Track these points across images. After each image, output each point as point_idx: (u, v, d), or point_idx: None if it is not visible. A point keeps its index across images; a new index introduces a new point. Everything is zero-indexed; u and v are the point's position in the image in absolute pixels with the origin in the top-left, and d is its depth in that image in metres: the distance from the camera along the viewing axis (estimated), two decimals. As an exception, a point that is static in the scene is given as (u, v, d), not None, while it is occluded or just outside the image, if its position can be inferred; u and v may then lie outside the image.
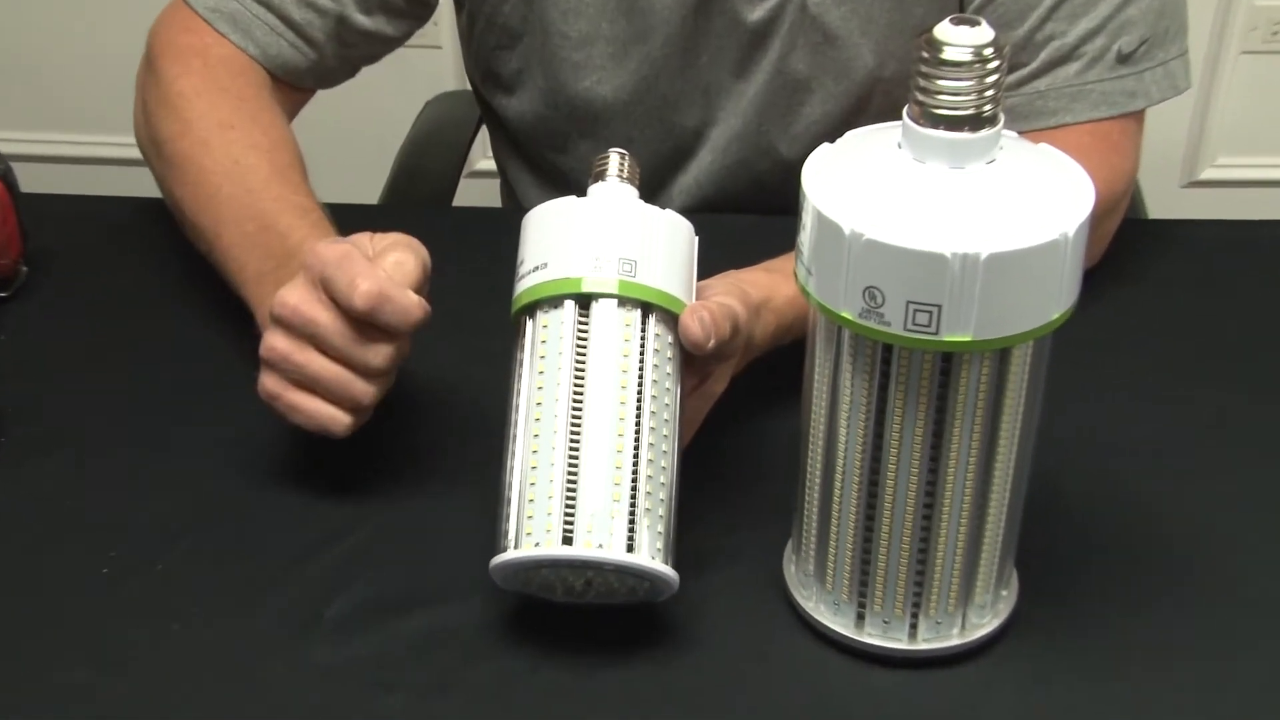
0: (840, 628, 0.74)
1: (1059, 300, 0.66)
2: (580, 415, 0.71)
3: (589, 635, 0.75)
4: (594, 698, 0.73)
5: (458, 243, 0.83)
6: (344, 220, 0.89)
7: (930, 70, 0.64)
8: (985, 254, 0.63)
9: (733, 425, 0.85)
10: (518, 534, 0.70)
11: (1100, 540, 0.81)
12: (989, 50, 0.64)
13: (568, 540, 0.69)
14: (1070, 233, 0.64)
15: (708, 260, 0.79)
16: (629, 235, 0.74)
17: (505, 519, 0.72)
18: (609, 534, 0.70)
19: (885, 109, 1.03)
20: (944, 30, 0.64)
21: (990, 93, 0.64)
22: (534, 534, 0.70)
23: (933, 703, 0.73)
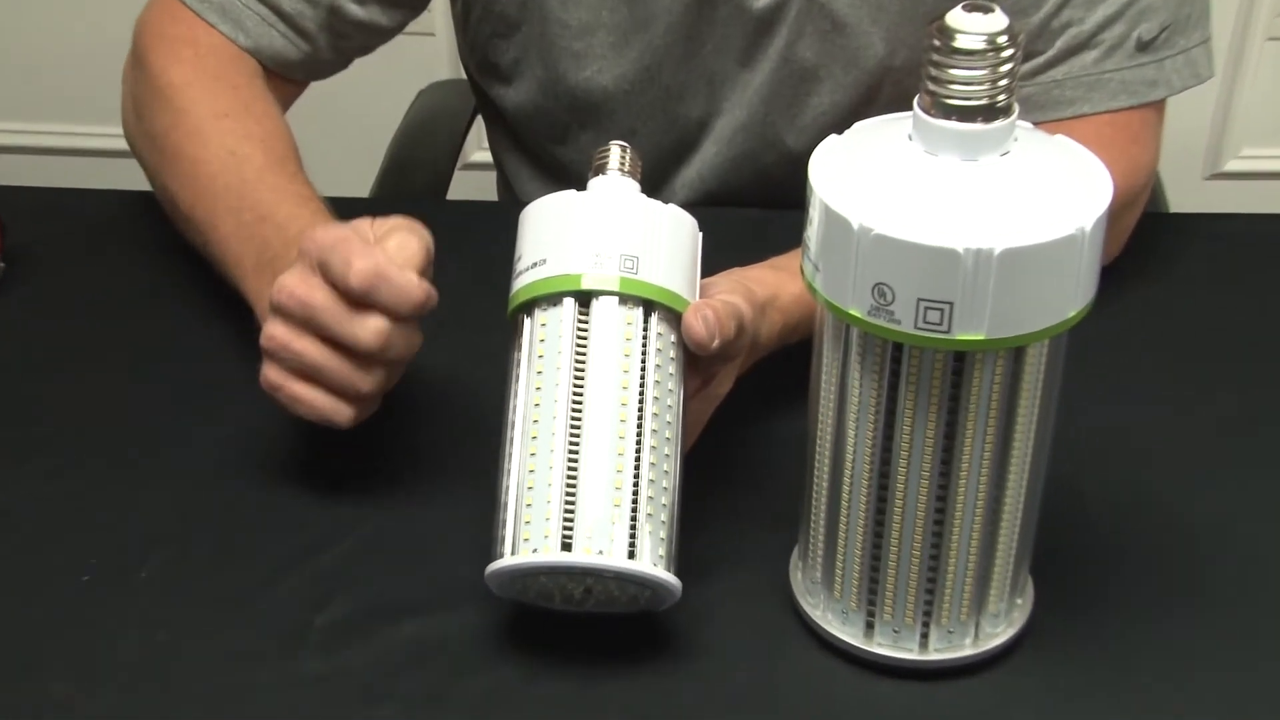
0: (849, 637, 0.75)
1: (1075, 297, 0.66)
2: (580, 417, 0.71)
3: (588, 645, 0.75)
4: (593, 710, 0.73)
5: (452, 238, 0.83)
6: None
7: (942, 59, 0.64)
8: (999, 249, 0.63)
9: (737, 428, 0.86)
10: (515, 540, 0.71)
11: (1119, 547, 0.82)
12: (1003, 38, 0.64)
13: (567, 546, 0.70)
14: (1087, 227, 0.64)
15: (711, 257, 0.79)
16: (630, 230, 0.74)
17: (502, 524, 0.72)
18: (609, 540, 0.70)
19: (895, 99, 1.03)
20: (956, 17, 0.64)
21: (1004, 82, 0.64)
22: (532, 540, 0.70)
23: (945, 715, 0.73)
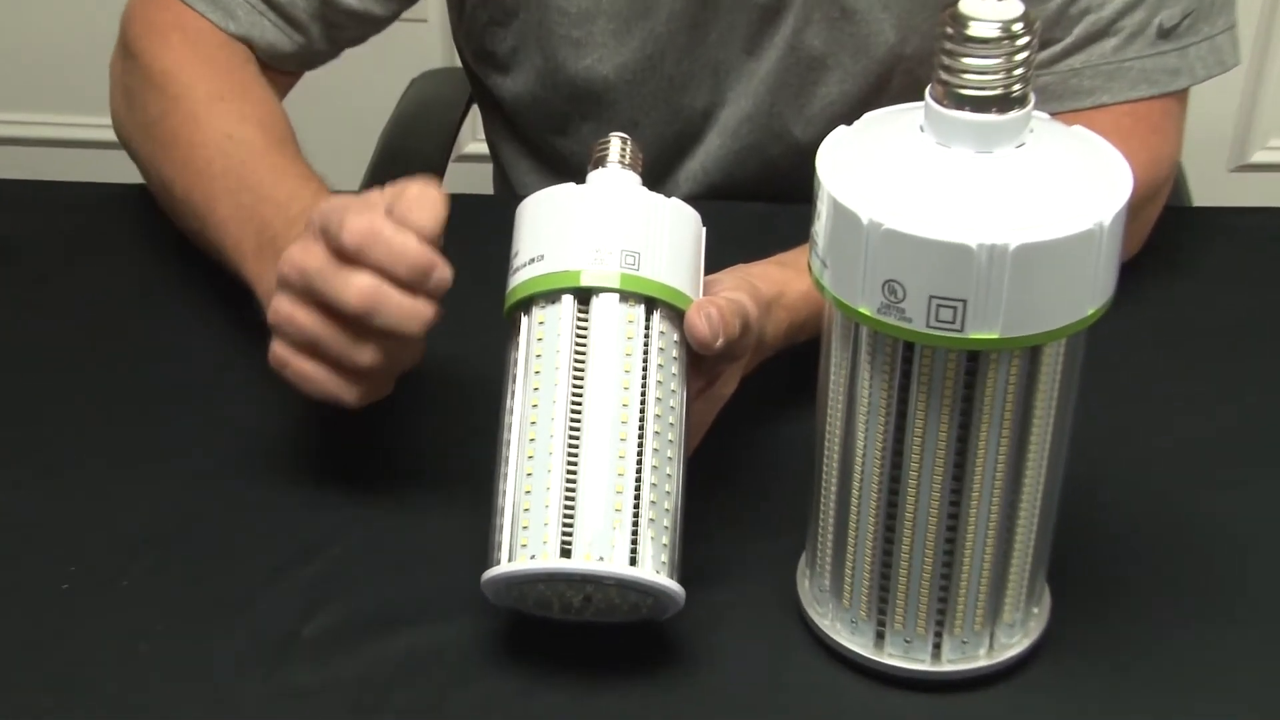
0: (858, 648, 0.75)
1: (1094, 295, 0.66)
2: (579, 418, 0.71)
3: (588, 656, 0.75)
4: (593, 723, 0.73)
5: (446, 232, 0.83)
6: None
7: (955, 47, 0.64)
8: (1014, 245, 0.63)
9: (743, 430, 0.86)
10: (512, 546, 0.71)
11: (1139, 554, 0.82)
12: (1019, 25, 0.64)
13: (566, 553, 0.70)
14: (1106, 222, 0.64)
15: (715, 252, 0.79)
16: (631, 225, 0.74)
17: (498, 530, 0.72)
18: (610, 546, 0.70)
19: (907, 89, 1.03)
20: (970, 3, 0.64)
21: (1020, 71, 0.64)
22: (529, 546, 0.70)
23: (958, 728, 0.73)
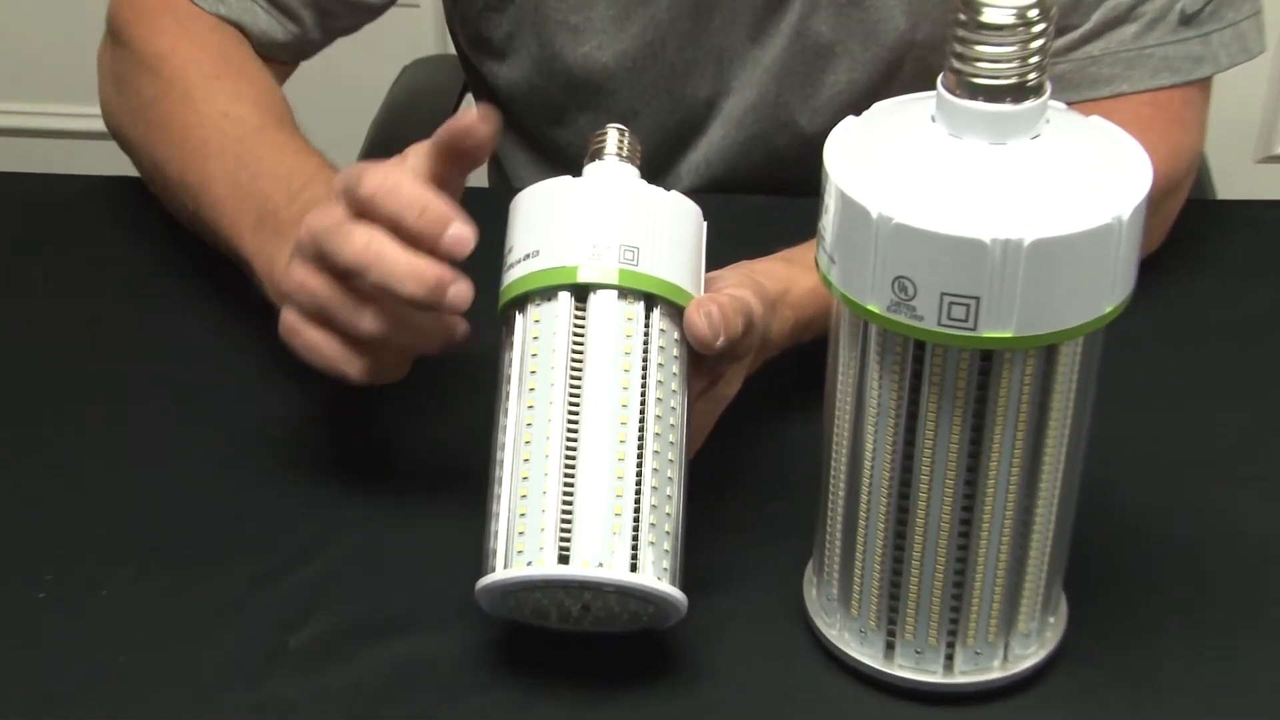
0: (868, 658, 0.75)
1: (1112, 292, 0.66)
2: (577, 420, 0.72)
3: (587, 667, 0.75)
4: (591, 737, 0.73)
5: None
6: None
7: (968, 34, 0.64)
8: (1029, 240, 0.63)
9: (747, 432, 0.86)
10: (508, 552, 0.71)
11: (1160, 561, 0.82)
12: (1034, 11, 0.64)
13: (564, 559, 0.70)
14: (1125, 216, 0.64)
15: (718, 247, 0.79)
16: (630, 219, 0.75)
17: (494, 536, 0.72)
18: (610, 552, 0.70)
19: (918, 77, 1.03)
20: (984, -11, 0.64)
21: (1035, 59, 0.65)
22: (526, 552, 0.70)
23: (971, 743, 0.73)
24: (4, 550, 0.82)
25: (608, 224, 0.74)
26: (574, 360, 0.72)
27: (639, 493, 0.71)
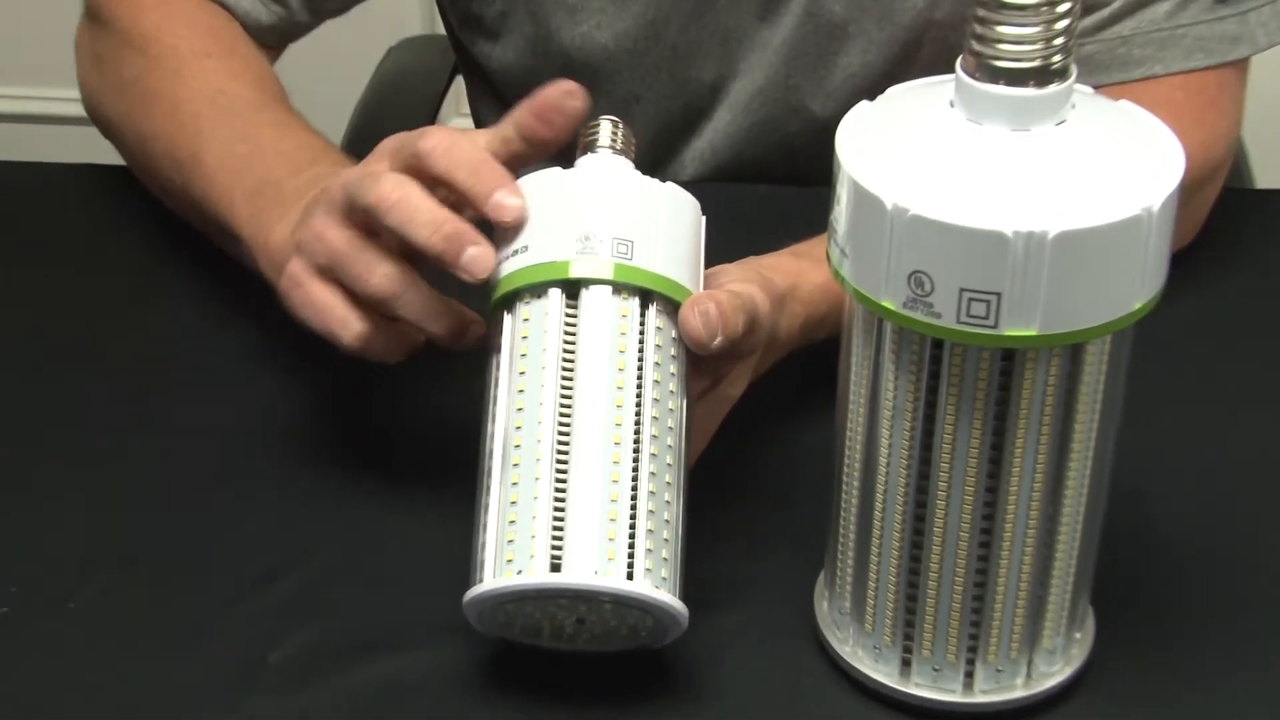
0: (883, 677, 0.75)
1: (1141, 287, 0.66)
2: (569, 422, 0.71)
3: (582, 686, 0.75)
4: (588, 760, 0.73)
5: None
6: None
7: (989, 14, 0.64)
8: (1053, 233, 0.63)
9: (753, 435, 0.86)
10: (497, 562, 0.71)
11: (1192, 573, 0.82)
12: (1059, -11, 0.64)
13: (556, 567, 0.70)
14: (1155, 207, 0.64)
15: (724, 240, 0.79)
16: (624, 211, 0.74)
17: (482, 545, 0.72)
18: (605, 560, 0.70)
19: (936, 59, 1.03)
20: (1005, -35, 0.64)
21: (1060, 40, 0.64)
22: (516, 560, 0.70)
23: (992, 766, 0.73)
24: (-36, 561, 0.82)
25: (600, 216, 0.74)
26: (565, 360, 0.72)
27: (635, 498, 0.71)
